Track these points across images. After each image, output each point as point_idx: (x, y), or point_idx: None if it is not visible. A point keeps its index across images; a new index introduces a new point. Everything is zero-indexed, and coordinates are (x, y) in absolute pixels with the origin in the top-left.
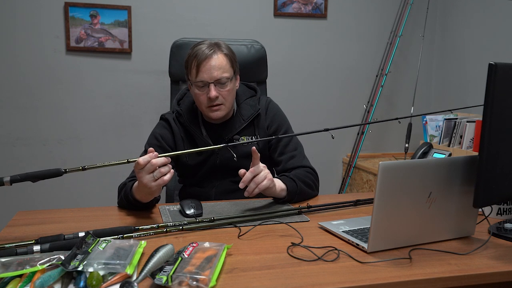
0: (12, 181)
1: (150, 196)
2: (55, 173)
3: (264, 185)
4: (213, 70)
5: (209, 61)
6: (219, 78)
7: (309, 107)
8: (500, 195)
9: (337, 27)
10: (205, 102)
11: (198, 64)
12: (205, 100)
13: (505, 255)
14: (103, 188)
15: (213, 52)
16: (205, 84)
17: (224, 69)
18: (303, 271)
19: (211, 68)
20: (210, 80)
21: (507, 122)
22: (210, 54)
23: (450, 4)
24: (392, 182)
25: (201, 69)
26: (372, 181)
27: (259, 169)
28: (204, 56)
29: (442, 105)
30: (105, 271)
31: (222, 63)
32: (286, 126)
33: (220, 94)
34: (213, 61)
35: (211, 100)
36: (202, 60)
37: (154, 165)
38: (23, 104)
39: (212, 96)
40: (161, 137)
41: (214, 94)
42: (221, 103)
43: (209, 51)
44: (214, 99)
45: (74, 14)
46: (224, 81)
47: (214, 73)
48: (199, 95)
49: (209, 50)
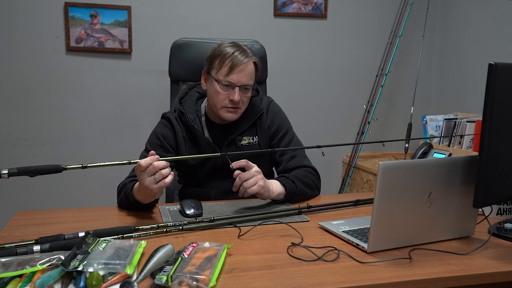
0: (10, 175)
1: (150, 198)
2: (54, 169)
3: (253, 190)
4: (244, 76)
5: (244, 67)
6: (246, 84)
7: (309, 107)
8: (500, 195)
9: (337, 27)
10: (224, 102)
11: (233, 66)
12: (224, 100)
13: (505, 255)
14: (103, 188)
15: (248, 58)
16: (231, 85)
17: (252, 77)
18: (303, 271)
19: (242, 73)
20: (238, 83)
21: (507, 122)
22: (247, 60)
23: (450, 4)
24: (392, 182)
25: (234, 71)
26: (372, 181)
27: (249, 174)
28: (241, 60)
29: (442, 105)
30: (105, 271)
31: (252, 70)
32: (287, 127)
33: (241, 99)
34: (247, 68)
35: (233, 103)
36: (238, 63)
37: (155, 167)
38: (23, 104)
39: (236, 100)
40: (162, 136)
41: (238, 99)
42: (239, 107)
43: (245, 56)
44: (236, 102)
45: (74, 14)
46: (248, 88)
47: (244, 79)
48: (220, 94)
49: (244, 55)
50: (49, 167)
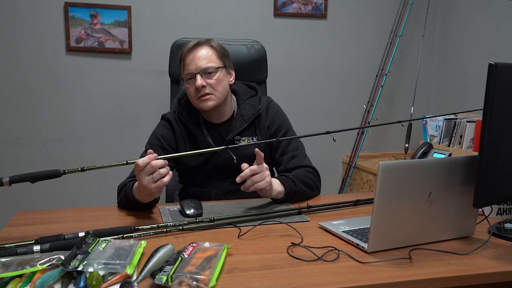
0: (11, 182)
1: (150, 197)
2: (54, 174)
3: (260, 186)
4: (198, 60)
5: (194, 53)
6: (204, 67)
7: (309, 107)
8: (500, 195)
9: (337, 27)
10: (194, 94)
11: (184, 57)
12: (194, 91)
13: (505, 255)
14: (103, 188)
15: (198, 44)
16: (192, 76)
17: (209, 59)
18: (303, 271)
19: (195, 58)
20: (195, 70)
21: (507, 122)
22: (195, 46)
23: (450, 4)
24: (392, 182)
25: (187, 61)
26: (372, 181)
27: (260, 168)
28: (189, 48)
29: (442, 105)
30: (105, 271)
31: (208, 53)
32: (287, 126)
33: (208, 83)
34: (198, 52)
35: (198, 90)
36: (187, 52)
37: (153, 167)
38: (23, 104)
39: (198, 85)
40: (162, 137)
41: (199, 83)
42: (210, 92)
43: (194, 44)
44: (200, 88)
45: (74, 14)
46: (211, 71)
47: (199, 63)
48: (188, 88)
49: (195, 43)
50: (49, 172)
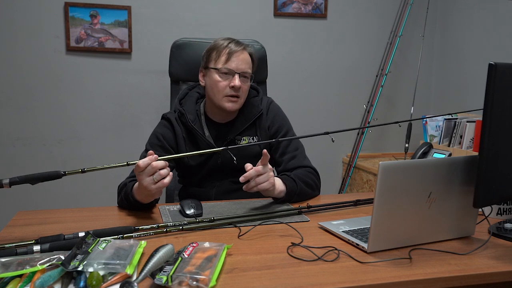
0: (11, 183)
1: (150, 198)
2: (54, 175)
3: (263, 187)
4: (242, 63)
5: (240, 54)
6: (245, 71)
7: (309, 107)
8: (500, 195)
9: (337, 27)
10: (225, 90)
11: (230, 53)
12: (225, 88)
13: (505, 255)
14: (103, 188)
15: (245, 48)
16: (230, 72)
17: (250, 65)
18: (303, 271)
19: (240, 60)
20: (237, 70)
21: (507, 122)
22: (242, 49)
23: (450, 4)
24: (392, 182)
25: (232, 58)
26: (372, 181)
27: (265, 169)
28: (237, 48)
29: (442, 105)
30: (105, 271)
31: (249, 59)
32: (287, 127)
33: (241, 87)
34: (244, 55)
35: (234, 89)
36: (235, 51)
37: (154, 168)
38: (23, 104)
39: (237, 85)
40: (162, 136)
41: (239, 84)
42: (239, 95)
43: (240, 45)
44: (237, 88)
45: (74, 14)
46: (247, 76)
47: (242, 65)
48: (220, 82)
49: (240, 45)
50: (49, 174)
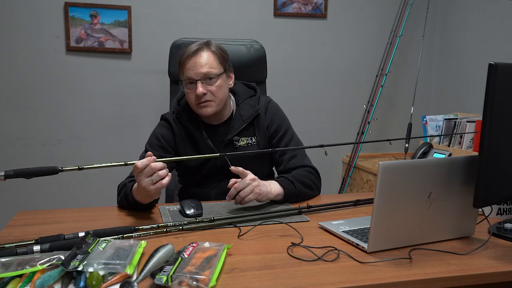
0: (6, 177)
1: (149, 198)
2: (50, 170)
3: (250, 199)
4: (199, 67)
5: (194, 59)
6: (205, 74)
7: (309, 107)
8: (500, 195)
9: (337, 27)
10: (194, 100)
11: (184, 62)
12: (193, 97)
13: (505, 255)
14: (103, 188)
15: (199, 49)
16: (192, 81)
17: (210, 65)
18: (303, 271)
19: (196, 65)
20: (196, 77)
21: (507, 122)
22: (196, 51)
23: (450, 4)
24: (392, 182)
25: (187, 66)
26: (372, 181)
27: (243, 183)
28: (190, 53)
29: (442, 105)
30: (105, 271)
31: (209, 59)
32: (286, 126)
33: (209, 90)
34: (199, 58)
35: (199, 97)
36: (187, 57)
37: (153, 169)
38: (23, 104)
39: (199, 93)
40: (162, 137)
41: (200, 91)
42: (210, 99)
43: (195, 49)
44: (201, 96)
45: (74, 14)
46: (212, 77)
47: (200, 69)
48: (188, 93)
49: (196, 48)
50: (45, 169)
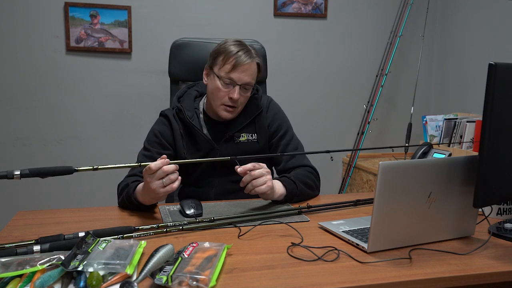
0: (22, 176)
1: (154, 201)
2: (66, 170)
3: (261, 190)
4: (246, 75)
5: (247, 67)
6: (248, 83)
7: (309, 107)
8: (500, 195)
9: (337, 27)
10: (223, 100)
11: (236, 64)
12: (224, 97)
13: (505, 255)
14: (103, 188)
15: (252, 59)
16: (232, 83)
17: (253, 77)
18: (303, 271)
19: (245, 73)
20: (239, 82)
21: (507, 122)
22: (250, 60)
23: (450, 4)
24: (392, 182)
25: (237, 70)
26: (372, 181)
27: (260, 172)
28: (244, 60)
29: (442, 105)
30: (105, 271)
31: (254, 71)
32: (287, 126)
33: (241, 97)
34: (250, 68)
35: (232, 101)
36: (241, 62)
37: (165, 172)
38: (23, 104)
39: (235, 98)
40: (160, 133)
41: (237, 97)
42: (237, 106)
43: (249, 57)
44: (235, 101)
45: (74, 14)
46: (249, 88)
47: (245, 78)
48: (220, 90)
49: (249, 56)
50: (61, 168)
